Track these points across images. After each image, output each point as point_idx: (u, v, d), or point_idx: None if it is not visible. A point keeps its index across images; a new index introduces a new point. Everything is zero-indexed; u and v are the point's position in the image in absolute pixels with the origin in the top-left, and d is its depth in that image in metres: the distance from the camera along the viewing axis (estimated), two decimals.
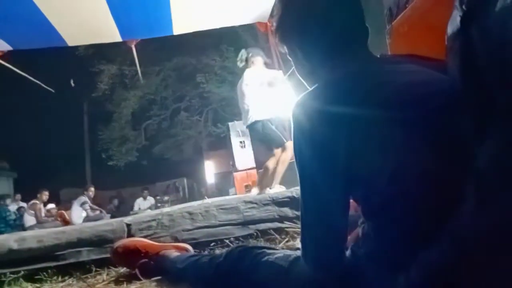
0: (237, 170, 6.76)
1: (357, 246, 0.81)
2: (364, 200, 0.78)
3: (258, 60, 3.74)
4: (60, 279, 1.63)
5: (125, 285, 1.43)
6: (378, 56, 0.91)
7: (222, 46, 12.25)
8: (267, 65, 3.83)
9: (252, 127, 3.63)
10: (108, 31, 4.31)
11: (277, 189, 3.34)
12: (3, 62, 4.25)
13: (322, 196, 0.77)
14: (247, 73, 3.67)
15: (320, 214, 0.78)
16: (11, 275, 1.63)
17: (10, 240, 1.76)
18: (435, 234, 0.52)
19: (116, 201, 10.64)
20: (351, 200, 0.81)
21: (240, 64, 3.83)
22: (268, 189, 3.49)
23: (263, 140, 3.72)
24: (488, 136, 0.50)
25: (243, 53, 3.81)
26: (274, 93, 3.61)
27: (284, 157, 3.53)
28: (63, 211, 8.52)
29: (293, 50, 0.95)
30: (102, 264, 1.69)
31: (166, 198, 11.87)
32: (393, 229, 0.71)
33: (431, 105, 0.69)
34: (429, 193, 0.66)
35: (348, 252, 0.83)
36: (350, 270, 0.79)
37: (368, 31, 0.90)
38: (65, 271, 1.67)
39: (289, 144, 3.47)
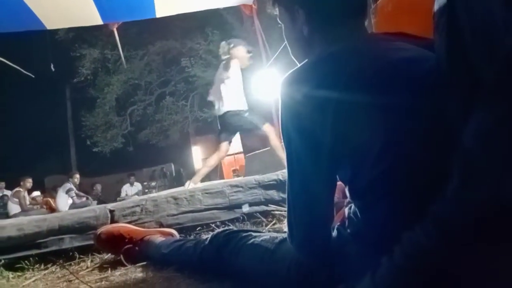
0: None
1: (343, 226, 0.81)
2: (350, 181, 0.77)
3: (240, 50, 3.68)
4: (42, 267, 1.60)
5: (109, 271, 1.41)
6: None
7: (207, 29, 12.00)
8: (249, 52, 3.75)
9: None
10: (88, 14, 4.17)
11: (190, 187, 3.26)
12: None
13: (308, 178, 0.76)
14: (235, 63, 3.63)
15: (306, 195, 0.77)
16: None
17: None
18: (420, 215, 0.51)
19: (99, 187, 10.52)
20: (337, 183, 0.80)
21: (224, 57, 3.74)
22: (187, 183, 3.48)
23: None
24: (475, 114, 0.49)
25: (223, 45, 3.74)
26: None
27: (210, 159, 3.54)
28: (48, 199, 8.42)
29: (292, 10, 0.88)
30: (85, 251, 1.67)
31: (153, 184, 11.81)
32: (379, 209, 0.70)
33: (422, 83, 0.68)
34: (415, 173, 0.65)
35: (334, 233, 0.82)
36: (336, 250, 0.78)
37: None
38: (48, 259, 1.64)
39: (222, 146, 3.54)
